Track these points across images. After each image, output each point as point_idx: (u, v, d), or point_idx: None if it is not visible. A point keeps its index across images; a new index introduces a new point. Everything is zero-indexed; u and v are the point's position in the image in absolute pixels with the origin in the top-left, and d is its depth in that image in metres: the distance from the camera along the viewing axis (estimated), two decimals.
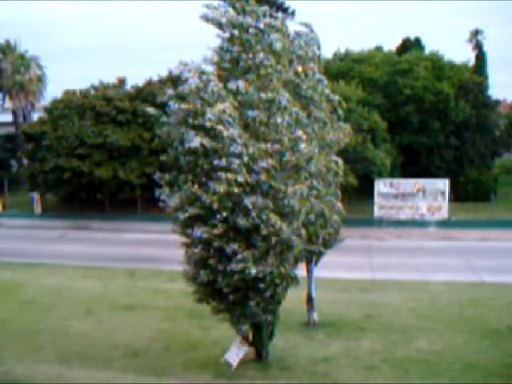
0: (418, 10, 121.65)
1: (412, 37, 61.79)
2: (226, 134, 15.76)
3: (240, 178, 15.82)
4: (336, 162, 20.25)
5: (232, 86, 16.37)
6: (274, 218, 16.17)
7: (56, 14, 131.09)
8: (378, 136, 46.59)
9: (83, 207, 53.22)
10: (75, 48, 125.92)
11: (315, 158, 17.95)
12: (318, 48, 20.01)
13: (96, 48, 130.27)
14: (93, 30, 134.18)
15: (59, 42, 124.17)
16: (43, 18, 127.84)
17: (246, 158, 15.94)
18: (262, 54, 16.65)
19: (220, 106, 15.89)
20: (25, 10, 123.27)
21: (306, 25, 19.60)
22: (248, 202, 15.94)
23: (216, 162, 15.90)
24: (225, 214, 16.12)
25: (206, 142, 16.02)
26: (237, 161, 15.81)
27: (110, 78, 54.17)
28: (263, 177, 16.13)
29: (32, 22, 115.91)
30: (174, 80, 46.10)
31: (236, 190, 15.90)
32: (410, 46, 59.46)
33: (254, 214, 15.96)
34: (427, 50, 58.30)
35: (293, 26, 19.34)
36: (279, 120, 16.42)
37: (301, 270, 20.11)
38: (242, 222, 16.11)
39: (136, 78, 57.60)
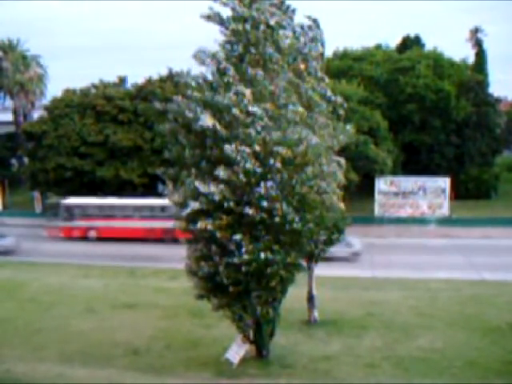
0: (416, 8, 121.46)
1: (412, 35, 61.70)
2: (252, 109, 15.79)
3: (248, 165, 15.83)
4: (338, 162, 20.16)
5: (250, 72, 16.37)
6: (286, 209, 16.19)
7: (57, 12, 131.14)
8: (380, 135, 46.59)
9: None
10: (76, 47, 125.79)
11: (322, 156, 17.91)
12: (322, 45, 19.91)
13: (97, 46, 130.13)
14: (94, 28, 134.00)
15: (60, 40, 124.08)
16: (44, 17, 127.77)
17: (256, 146, 15.96)
18: (270, 49, 16.71)
19: (241, 89, 15.98)
20: (26, 9, 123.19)
21: (314, 20, 19.45)
22: (260, 190, 15.91)
23: (226, 146, 15.84)
24: (230, 205, 16.13)
25: (218, 126, 16.08)
26: (247, 149, 15.79)
27: (111, 77, 54.14)
28: (278, 165, 16.13)
29: (33, 20, 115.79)
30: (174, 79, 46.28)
31: (242, 178, 15.93)
32: (410, 43, 59.39)
33: (265, 203, 15.97)
34: (427, 48, 58.29)
35: (298, 21, 19.26)
36: (287, 113, 16.46)
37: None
38: (250, 211, 16.08)
39: (136, 77, 57.61)
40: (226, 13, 17.41)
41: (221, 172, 15.92)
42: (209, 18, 17.39)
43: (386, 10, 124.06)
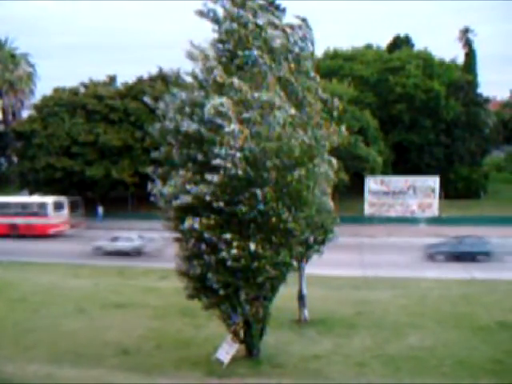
0: (406, 8, 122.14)
1: (402, 35, 61.96)
2: (226, 129, 15.71)
3: (240, 172, 15.79)
4: (329, 161, 20.13)
5: (228, 81, 16.29)
6: (281, 209, 16.21)
7: (47, 11, 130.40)
8: (370, 135, 46.75)
9: None
10: (66, 45, 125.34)
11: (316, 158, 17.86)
12: (312, 44, 19.86)
13: (86, 45, 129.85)
14: (83, 27, 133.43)
15: (50, 39, 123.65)
16: (34, 16, 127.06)
17: (247, 152, 15.89)
18: (256, 52, 16.62)
19: (219, 100, 15.86)
20: (15, 8, 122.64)
21: (303, 20, 19.41)
22: (256, 190, 15.90)
23: (216, 150, 15.77)
24: (220, 205, 16.10)
25: (203, 130, 16.00)
26: (238, 154, 15.72)
27: (100, 76, 54.02)
28: (273, 174, 16.13)
29: (23, 19, 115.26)
30: (164, 78, 46.17)
31: (235, 183, 15.90)
32: (400, 43, 59.69)
33: (261, 205, 15.96)
34: (417, 48, 58.59)
35: (288, 20, 19.22)
36: (273, 119, 16.38)
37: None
38: (243, 210, 16.04)
39: (126, 76, 57.58)
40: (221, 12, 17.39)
41: (214, 177, 15.86)
42: (202, 14, 17.31)
43: (376, 10, 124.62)
